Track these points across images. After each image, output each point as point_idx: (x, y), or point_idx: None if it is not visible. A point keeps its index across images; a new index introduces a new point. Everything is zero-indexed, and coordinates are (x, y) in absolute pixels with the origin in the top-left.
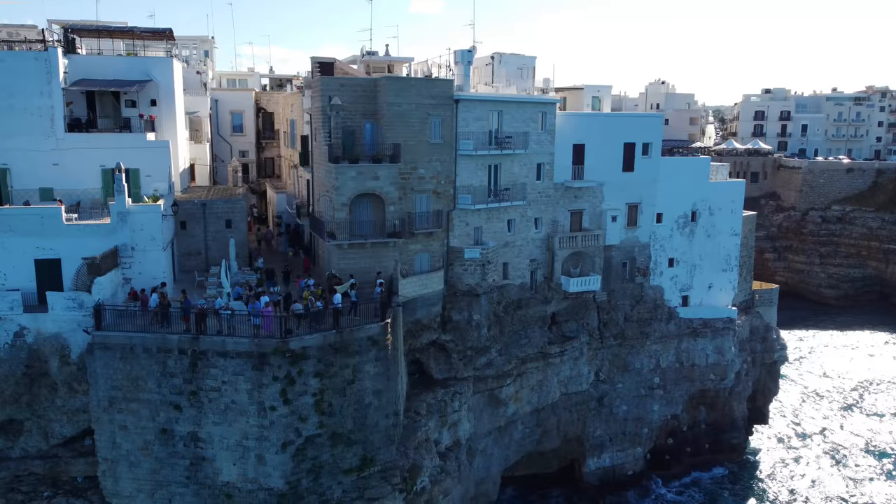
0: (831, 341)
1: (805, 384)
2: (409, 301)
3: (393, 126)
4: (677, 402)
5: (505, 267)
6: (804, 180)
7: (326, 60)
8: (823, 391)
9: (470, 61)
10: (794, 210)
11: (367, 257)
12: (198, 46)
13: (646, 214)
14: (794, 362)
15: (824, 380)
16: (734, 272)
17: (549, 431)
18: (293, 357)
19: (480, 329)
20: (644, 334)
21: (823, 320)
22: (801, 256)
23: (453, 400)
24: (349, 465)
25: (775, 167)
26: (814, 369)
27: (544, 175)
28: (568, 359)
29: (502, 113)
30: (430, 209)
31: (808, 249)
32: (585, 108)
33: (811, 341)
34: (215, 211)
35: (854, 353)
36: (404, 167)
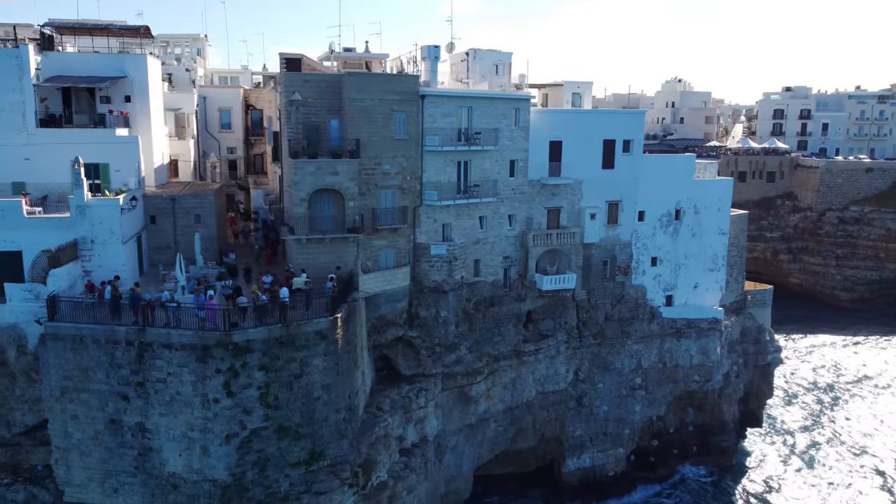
0: (842, 345)
1: (808, 388)
2: (372, 297)
3: (356, 122)
4: (660, 403)
5: (476, 264)
6: (822, 180)
7: (293, 56)
8: (827, 396)
9: (437, 57)
10: (810, 210)
11: (326, 252)
12: (190, 44)
13: (627, 212)
14: (799, 365)
15: (828, 384)
16: (721, 272)
17: (525, 430)
18: (236, 350)
19: (448, 326)
20: (625, 334)
21: (836, 323)
22: (817, 258)
23: (418, 396)
24: (297, 459)
25: (792, 166)
26: (820, 373)
27: (518, 172)
28: (544, 357)
29: (472, 109)
30: (394, 205)
31: (824, 251)
32: (565, 104)
33: (821, 344)
34: (185, 206)
35: (863, 358)
36: (367, 162)
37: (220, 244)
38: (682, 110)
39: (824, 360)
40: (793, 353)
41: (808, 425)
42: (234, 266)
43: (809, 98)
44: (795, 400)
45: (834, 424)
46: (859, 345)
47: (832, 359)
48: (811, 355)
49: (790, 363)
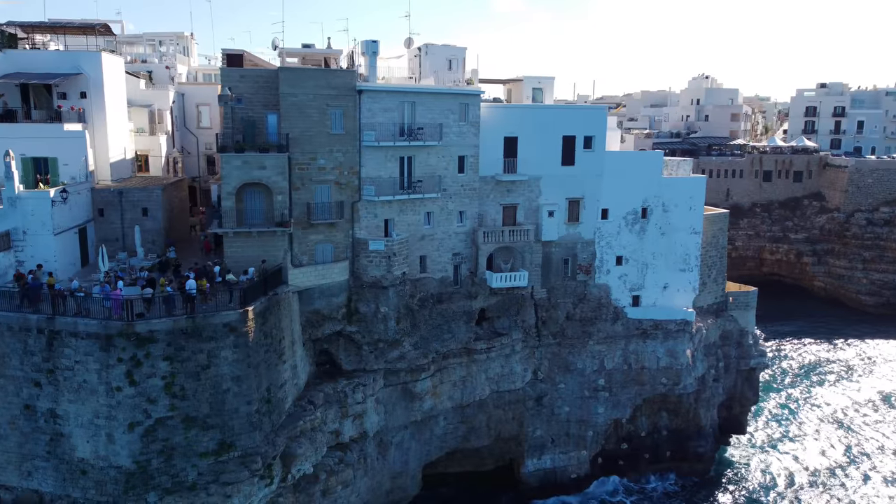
0: (857, 351)
1: (806, 395)
2: (305, 291)
3: (290, 116)
4: (625, 406)
5: (423, 260)
6: (850, 180)
7: (235, 52)
8: (826, 403)
9: (375, 52)
10: (837, 211)
11: (255, 246)
12: (175, 43)
13: (589, 210)
14: (806, 371)
15: (829, 391)
16: (694, 272)
17: (478, 429)
18: (139, 340)
19: (388, 322)
20: (586, 334)
21: (857, 329)
22: (843, 261)
23: (355, 391)
24: (205, 449)
25: (821, 166)
26: (824, 379)
27: (468, 168)
28: (497, 356)
29: (415, 104)
30: (331, 200)
31: (851, 254)
32: (525, 99)
33: (836, 351)
34: (132, 199)
35: (881, 370)
36: (302, 157)
37: (169, 237)
38: (707, 108)
39: (836, 368)
40: (803, 359)
41: (801, 435)
42: (167, 261)
43: (844, 95)
44: (795, 407)
45: (830, 437)
46: (877, 354)
47: (845, 367)
48: (822, 362)
49: (795, 369)
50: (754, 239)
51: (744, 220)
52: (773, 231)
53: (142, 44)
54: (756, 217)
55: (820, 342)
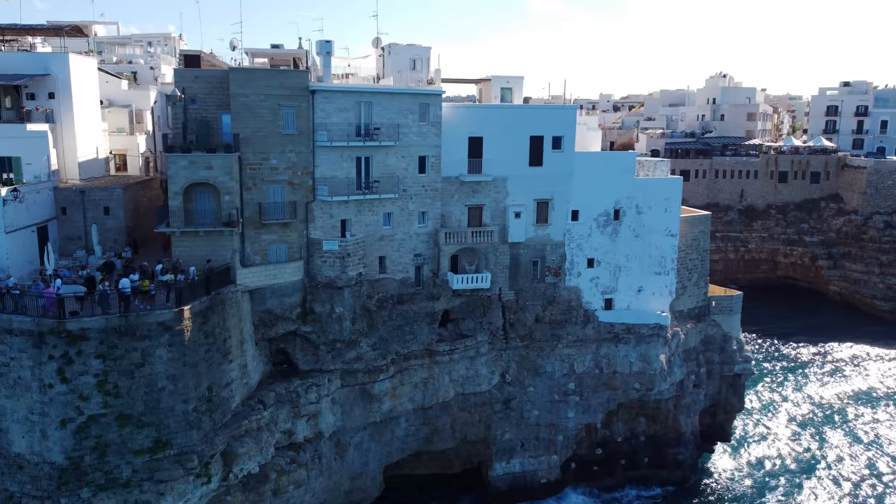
0: (864, 359)
1: (802, 403)
2: (257, 290)
3: (240, 116)
4: (596, 411)
5: (382, 260)
6: (869, 181)
7: (192, 53)
8: (822, 412)
9: (329, 52)
10: (855, 214)
11: (203, 245)
12: (163, 43)
13: (558, 211)
14: (801, 377)
15: (828, 400)
16: (670, 276)
17: (441, 431)
18: (70, 337)
19: (343, 322)
20: (555, 337)
21: (869, 335)
22: (859, 265)
23: (308, 392)
24: (140, 447)
25: (839, 167)
26: (824, 387)
27: (429, 168)
28: (461, 358)
29: (372, 104)
30: (284, 200)
31: (868, 257)
32: (493, 99)
33: (839, 357)
34: (94, 198)
35: (883, 377)
36: (253, 157)
37: (132, 236)
38: (723, 107)
39: (839, 376)
40: (805, 365)
41: (789, 444)
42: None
43: (868, 94)
44: (789, 415)
45: (821, 448)
46: (886, 363)
47: (849, 375)
48: (825, 369)
49: (796, 375)
50: (768, 241)
51: (757, 222)
52: (787, 233)
53: (130, 44)
54: (770, 219)
55: (826, 348)
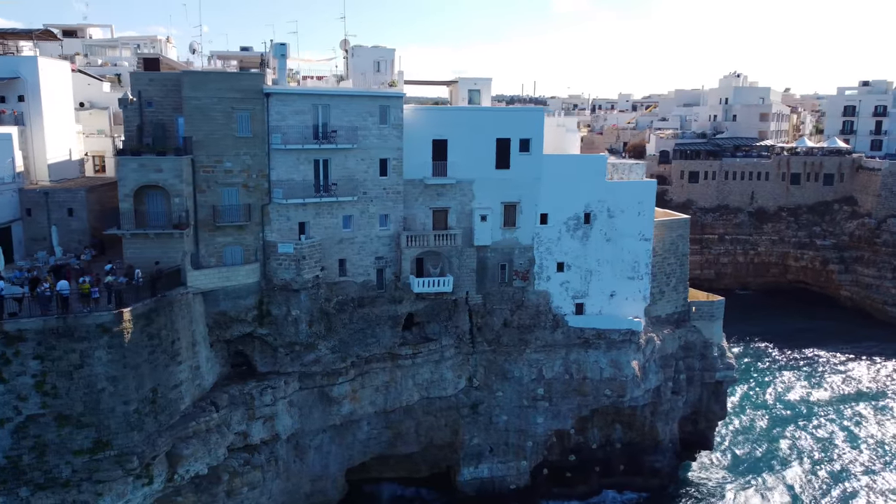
0: (868, 368)
1: (794, 411)
2: (210, 293)
3: (193, 119)
4: (565, 417)
5: (342, 263)
6: (884, 183)
7: (151, 56)
8: (814, 422)
9: (283, 55)
10: (869, 217)
11: (153, 247)
12: (151, 46)
13: (527, 215)
14: (809, 387)
15: (822, 408)
16: (644, 280)
17: (405, 435)
18: (7, 338)
19: (299, 325)
20: (523, 341)
21: (877, 343)
22: (871, 269)
23: (263, 394)
24: (80, 447)
25: (854, 168)
26: (819, 395)
27: (391, 171)
28: (425, 362)
29: (329, 106)
30: (239, 202)
31: (881, 262)
32: (461, 101)
33: (840, 364)
34: (57, 200)
35: (885, 387)
36: (207, 160)
37: (96, 237)
38: (735, 107)
39: (836, 385)
40: (801, 372)
41: (776, 454)
42: (58, 265)
43: (887, 93)
44: (779, 423)
45: (808, 459)
46: (890, 372)
47: (848, 384)
48: (829, 376)
49: (790, 382)
50: (778, 244)
51: (768, 225)
52: (798, 237)
53: (118, 47)
54: (781, 222)
55: (832, 354)
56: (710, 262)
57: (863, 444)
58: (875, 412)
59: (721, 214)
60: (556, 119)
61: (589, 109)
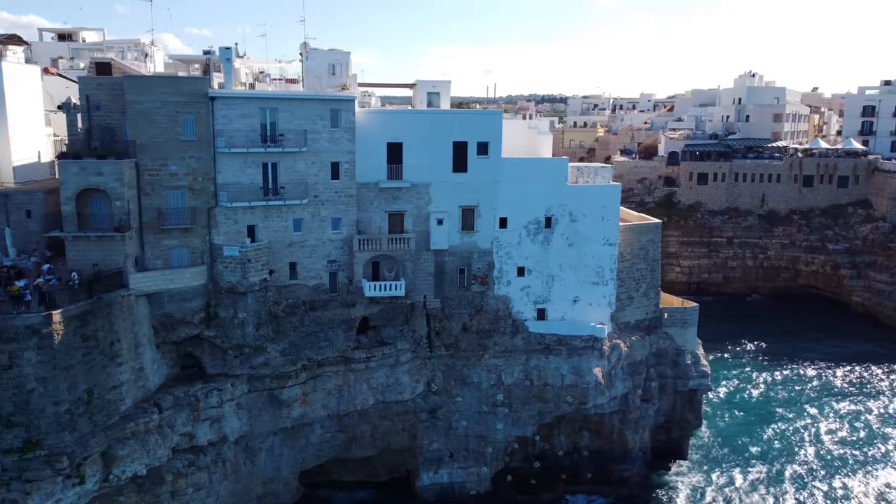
0: (872, 377)
1: (780, 421)
2: (155, 295)
3: (137, 123)
4: (526, 423)
5: (293, 266)
6: None
7: (103, 61)
8: (798, 435)
9: (228, 58)
10: (883, 221)
11: (96, 250)
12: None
13: (485, 219)
14: (786, 394)
15: (810, 421)
16: (609, 286)
17: (361, 439)
18: None
19: (245, 327)
20: (482, 346)
21: (886, 351)
22: (884, 275)
23: (208, 396)
24: (9, 446)
25: (869, 171)
26: (816, 405)
27: (343, 174)
28: (380, 366)
29: (277, 110)
30: (184, 205)
31: (894, 267)
32: (419, 104)
33: (843, 373)
34: (16, 202)
35: (882, 400)
36: (151, 163)
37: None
38: (748, 107)
39: (838, 395)
40: (795, 381)
41: (753, 466)
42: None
43: None
44: (762, 434)
45: (786, 471)
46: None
47: (842, 394)
48: (826, 386)
49: (779, 391)
50: (789, 248)
51: (778, 228)
52: (809, 240)
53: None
54: (792, 225)
55: (833, 363)
56: (717, 265)
57: (854, 459)
58: (870, 427)
59: (730, 217)
60: (527, 121)
61: (609, 109)
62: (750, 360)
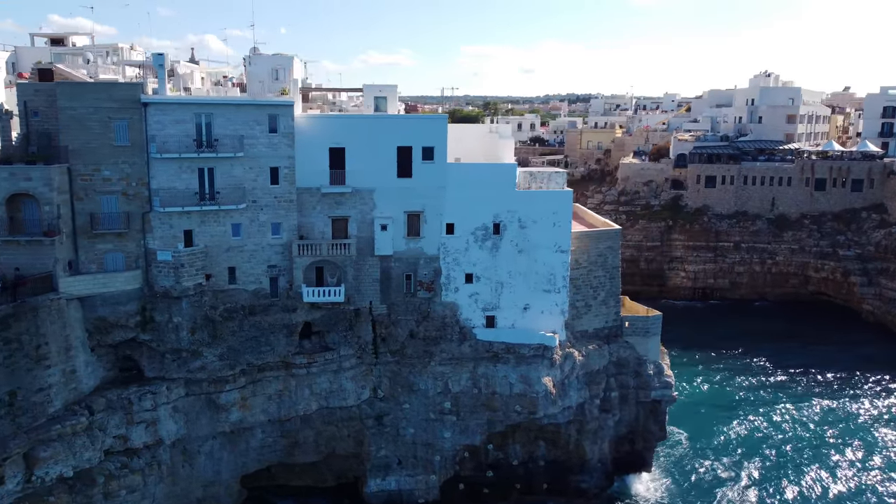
0: (871, 389)
1: (766, 433)
2: (88, 298)
3: (69, 129)
4: (474, 432)
5: (232, 271)
6: None
7: (46, 67)
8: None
9: (161, 64)
10: None
11: (25, 254)
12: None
13: (431, 224)
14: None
15: (801, 432)
16: (562, 294)
17: (304, 444)
18: None
19: (180, 332)
20: (428, 353)
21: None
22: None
23: (142, 399)
24: None
25: (885, 174)
26: (801, 417)
27: (282, 179)
28: (322, 371)
29: (213, 115)
30: (118, 210)
31: None
32: (366, 109)
33: (837, 385)
34: None
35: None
36: (85, 168)
37: None
38: (761, 108)
39: (826, 407)
40: (784, 393)
41: (721, 479)
42: None
43: None
44: (753, 448)
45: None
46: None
47: (832, 409)
48: (815, 398)
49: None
50: (798, 254)
51: (788, 233)
52: (820, 246)
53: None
54: (803, 230)
55: (827, 372)
56: (724, 270)
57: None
58: (859, 442)
59: (738, 221)
60: (488, 125)
61: (632, 109)
62: (744, 367)
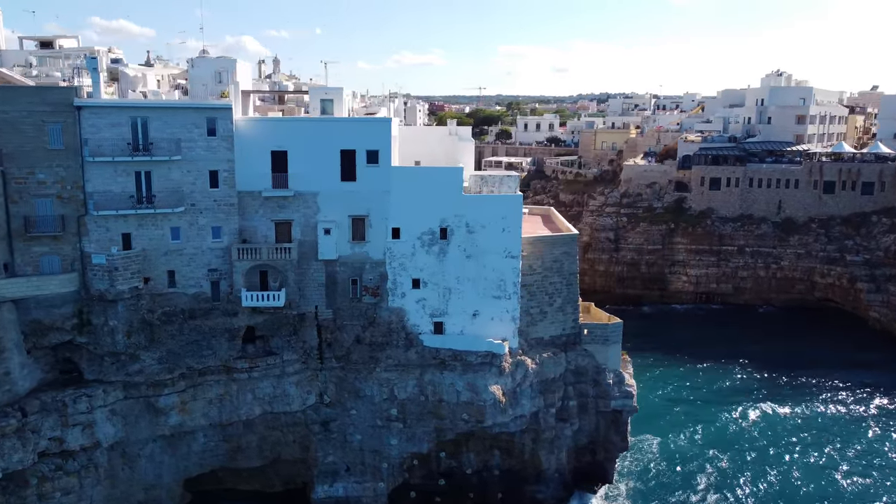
0: (859, 404)
1: (744, 445)
2: (22, 301)
3: (2, 132)
4: (421, 440)
5: (172, 275)
6: None
7: None
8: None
9: (95, 68)
10: None
11: None
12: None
13: (377, 229)
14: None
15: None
16: (513, 300)
17: (247, 449)
18: None
19: (116, 335)
20: (374, 359)
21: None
22: None
23: (77, 402)
24: None
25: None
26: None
27: (222, 182)
28: (264, 376)
29: (149, 119)
30: (53, 213)
31: None
32: (313, 111)
33: (829, 396)
34: None
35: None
36: (19, 172)
37: None
38: (770, 108)
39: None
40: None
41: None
42: None
43: None
44: (730, 459)
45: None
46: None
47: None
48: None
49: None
50: (804, 259)
51: (794, 237)
52: (827, 251)
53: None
54: (810, 234)
55: (826, 382)
56: (727, 275)
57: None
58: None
59: (742, 224)
60: (447, 128)
61: (650, 109)
62: (742, 374)
